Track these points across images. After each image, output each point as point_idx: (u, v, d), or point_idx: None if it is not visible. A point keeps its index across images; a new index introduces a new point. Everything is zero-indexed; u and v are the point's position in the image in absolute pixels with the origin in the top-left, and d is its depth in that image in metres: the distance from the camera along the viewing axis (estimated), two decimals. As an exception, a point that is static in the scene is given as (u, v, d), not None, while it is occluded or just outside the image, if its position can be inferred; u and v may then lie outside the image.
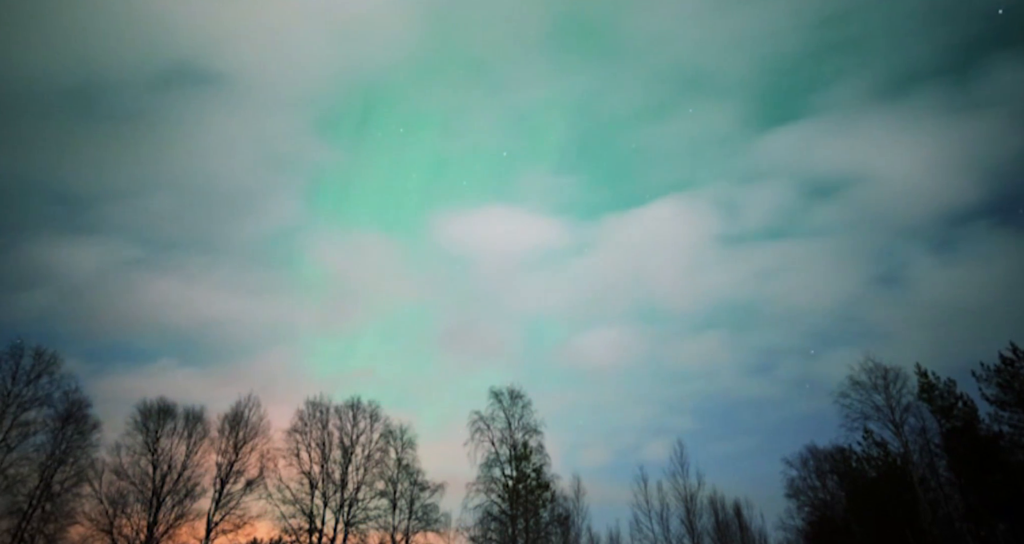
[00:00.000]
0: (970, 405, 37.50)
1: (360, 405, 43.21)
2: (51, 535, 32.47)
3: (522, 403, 42.13)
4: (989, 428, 36.05)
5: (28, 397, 32.68)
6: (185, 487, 36.57)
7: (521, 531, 37.87)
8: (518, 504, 38.72)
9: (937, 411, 37.89)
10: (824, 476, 47.64)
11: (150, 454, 36.87)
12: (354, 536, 38.85)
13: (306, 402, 42.15)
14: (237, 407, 40.21)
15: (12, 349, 33.14)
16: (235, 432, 39.16)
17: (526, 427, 41.32)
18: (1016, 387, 34.37)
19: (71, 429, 34.25)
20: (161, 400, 38.81)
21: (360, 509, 39.67)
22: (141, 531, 34.55)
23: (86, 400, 35.31)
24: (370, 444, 42.15)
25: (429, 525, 41.20)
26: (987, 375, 35.98)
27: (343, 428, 42.11)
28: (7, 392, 32.13)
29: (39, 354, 33.71)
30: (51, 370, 33.73)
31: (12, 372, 32.63)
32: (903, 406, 37.76)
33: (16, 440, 31.61)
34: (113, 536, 34.14)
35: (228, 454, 38.28)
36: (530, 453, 40.50)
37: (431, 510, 41.64)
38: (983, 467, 34.26)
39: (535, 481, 39.86)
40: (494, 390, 42.48)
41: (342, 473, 40.25)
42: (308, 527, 37.75)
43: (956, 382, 38.57)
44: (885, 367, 38.76)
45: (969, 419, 37.02)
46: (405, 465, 42.51)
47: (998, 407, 35.31)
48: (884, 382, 38.31)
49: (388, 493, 41.06)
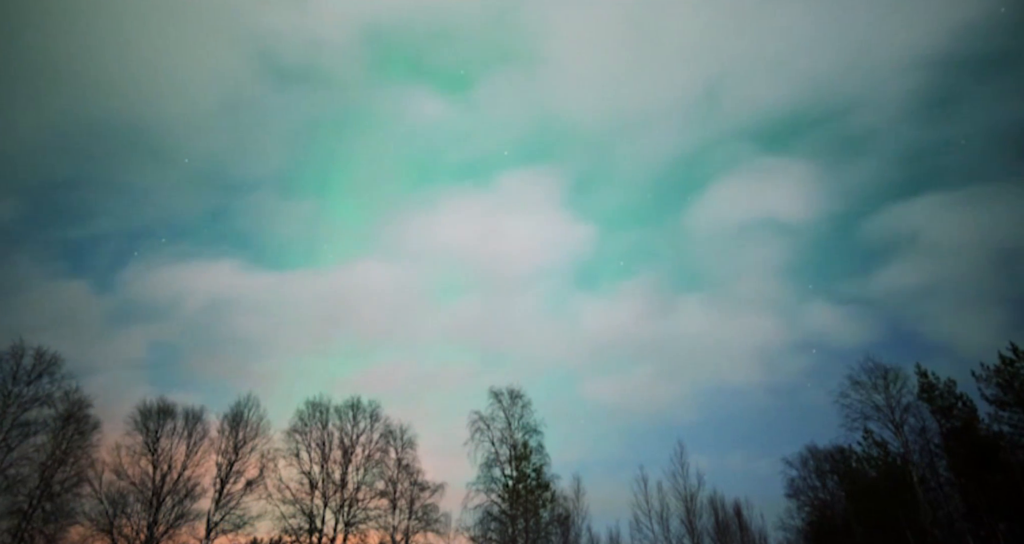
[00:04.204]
0: (970, 405, 37.49)
1: (360, 405, 43.30)
2: (51, 535, 32.41)
3: (522, 403, 42.21)
4: (989, 428, 36.04)
5: (28, 397, 32.62)
6: (185, 487, 36.56)
7: (521, 531, 37.86)
8: (518, 504, 38.71)
9: (937, 411, 37.88)
10: (824, 476, 47.67)
11: (150, 454, 36.87)
12: (354, 536, 38.87)
13: (306, 402, 42.29)
14: (237, 407, 40.30)
15: (12, 349, 33.12)
16: (235, 432, 39.19)
17: (526, 427, 41.38)
18: (1016, 387, 34.37)
19: (71, 429, 34.22)
20: (161, 400, 38.90)
21: (360, 509, 39.68)
22: (141, 531, 34.54)
23: (86, 400, 35.31)
24: (370, 444, 42.22)
25: (429, 525, 41.23)
26: (987, 375, 36.00)
27: (343, 428, 42.20)
28: (7, 392, 32.09)
29: (39, 354, 33.68)
30: (51, 370, 33.70)
31: (12, 372, 32.63)
32: (903, 406, 37.82)
33: (16, 440, 31.54)
34: (113, 536, 34.13)
35: (228, 454, 38.29)
36: (530, 453, 40.52)
37: (431, 510, 41.70)
38: (983, 467, 34.24)
39: (535, 481, 39.86)
40: (494, 390, 42.55)
41: (342, 473, 40.26)
42: (308, 527, 37.74)
43: (956, 382, 38.60)
44: (885, 367, 38.88)
45: (969, 419, 37.01)
46: (405, 465, 42.56)
47: (998, 407, 35.33)
48: (884, 382, 38.38)
49: (388, 493, 41.07)
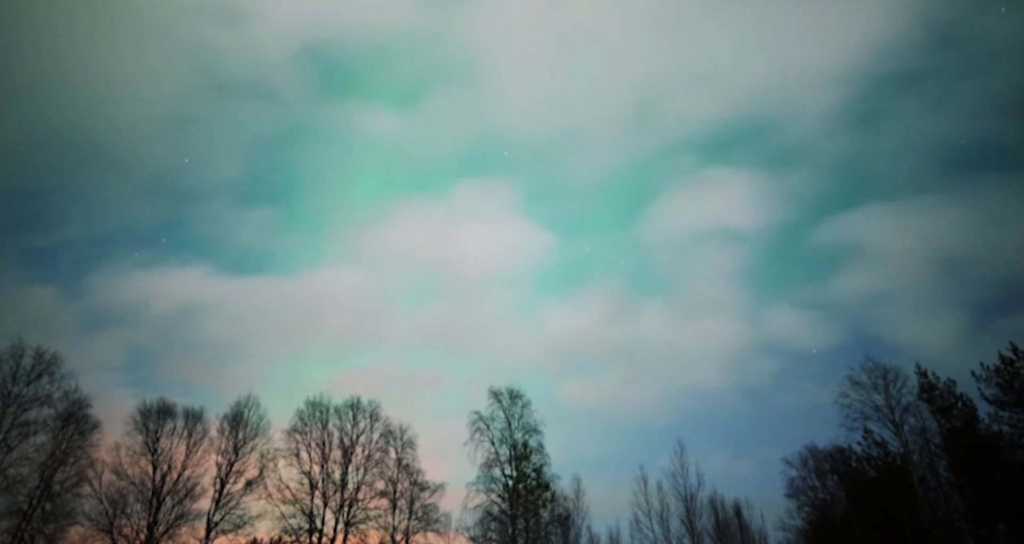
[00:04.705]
0: (970, 405, 37.49)
1: (360, 405, 43.29)
2: (51, 535, 32.41)
3: (521, 403, 42.17)
4: (989, 428, 36.06)
5: (28, 397, 32.61)
6: (185, 487, 36.58)
7: (521, 531, 37.85)
8: (518, 504, 38.70)
9: (937, 411, 37.86)
10: (824, 476, 47.63)
11: (150, 454, 36.89)
12: (354, 536, 38.88)
13: (306, 402, 42.27)
14: (237, 407, 40.30)
15: (12, 349, 33.10)
16: (235, 432, 39.20)
17: (526, 427, 41.35)
18: (1016, 387, 34.37)
19: (71, 429, 34.20)
20: (161, 400, 38.91)
21: (360, 509, 39.69)
22: (141, 531, 34.55)
23: (86, 400, 35.31)
24: (370, 444, 42.22)
25: (429, 525, 41.25)
26: (987, 375, 36.00)
27: (343, 428, 42.19)
28: (7, 392, 32.07)
29: (39, 354, 33.67)
30: (51, 370, 33.68)
31: (12, 372, 32.61)
32: (903, 406, 37.79)
33: (16, 440, 31.53)
34: (113, 536, 34.13)
35: (228, 454, 38.31)
36: (530, 453, 40.49)
37: (431, 510, 41.71)
38: (983, 467, 34.23)
39: (535, 481, 39.84)
40: (493, 390, 42.50)
41: (342, 473, 40.26)
42: (308, 527, 37.74)
43: (956, 382, 38.60)
44: (885, 367, 38.85)
45: (969, 419, 37.02)
46: (405, 465, 42.56)
47: (998, 407, 35.34)
48: (884, 382, 38.34)
49: (388, 493, 41.07)
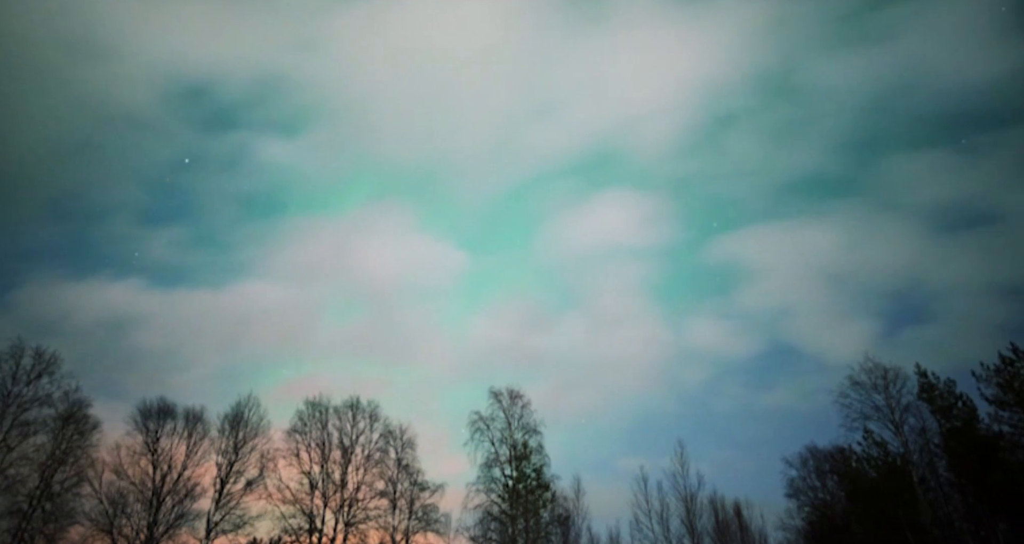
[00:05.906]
0: (970, 405, 37.43)
1: (359, 405, 43.29)
2: (51, 535, 32.42)
3: (521, 403, 42.19)
4: (989, 428, 36.01)
5: (28, 397, 32.61)
6: (185, 487, 36.57)
7: (521, 531, 37.86)
8: (518, 504, 38.70)
9: (937, 411, 37.82)
10: (824, 476, 47.63)
11: (150, 454, 36.88)
12: (354, 536, 38.85)
13: (305, 402, 42.26)
14: (237, 407, 40.31)
15: (12, 349, 33.12)
16: (235, 432, 39.19)
17: (526, 427, 41.36)
18: (1016, 387, 34.32)
19: (71, 429, 34.21)
20: (161, 400, 38.90)
21: (360, 509, 39.68)
22: (141, 531, 34.54)
23: (86, 400, 35.33)
24: (370, 444, 42.22)
25: (429, 525, 41.23)
26: (987, 375, 35.92)
27: (343, 428, 42.19)
28: (7, 392, 32.09)
29: (39, 354, 33.69)
30: (51, 370, 33.70)
31: (12, 372, 32.63)
32: (903, 406, 37.76)
33: (16, 440, 31.54)
34: (113, 536, 34.14)
35: (228, 454, 38.30)
36: (530, 453, 40.50)
37: (431, 510, 41.68)
38: (983, 467, 34.21)
39: (535, 481, 39.85)
40: (493, 390, 42.54)
41: (342, 473, 40.25)
42: (308, 527, 37.74)
43: (956, 382, 38.52)
44: (885, 367, 38.79)
45: (969, 419, 36.97)
46: (405, 465, 42.55)
47: (998, 407, 35.26)
48: (884, 382, 38.32)
49: (388, 493, 41.07)
